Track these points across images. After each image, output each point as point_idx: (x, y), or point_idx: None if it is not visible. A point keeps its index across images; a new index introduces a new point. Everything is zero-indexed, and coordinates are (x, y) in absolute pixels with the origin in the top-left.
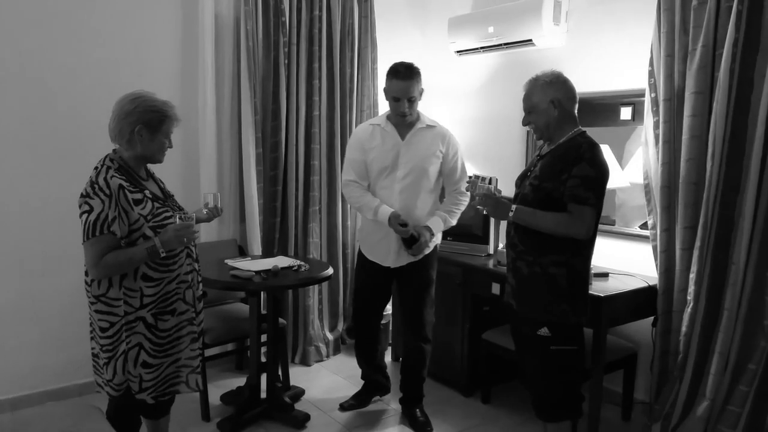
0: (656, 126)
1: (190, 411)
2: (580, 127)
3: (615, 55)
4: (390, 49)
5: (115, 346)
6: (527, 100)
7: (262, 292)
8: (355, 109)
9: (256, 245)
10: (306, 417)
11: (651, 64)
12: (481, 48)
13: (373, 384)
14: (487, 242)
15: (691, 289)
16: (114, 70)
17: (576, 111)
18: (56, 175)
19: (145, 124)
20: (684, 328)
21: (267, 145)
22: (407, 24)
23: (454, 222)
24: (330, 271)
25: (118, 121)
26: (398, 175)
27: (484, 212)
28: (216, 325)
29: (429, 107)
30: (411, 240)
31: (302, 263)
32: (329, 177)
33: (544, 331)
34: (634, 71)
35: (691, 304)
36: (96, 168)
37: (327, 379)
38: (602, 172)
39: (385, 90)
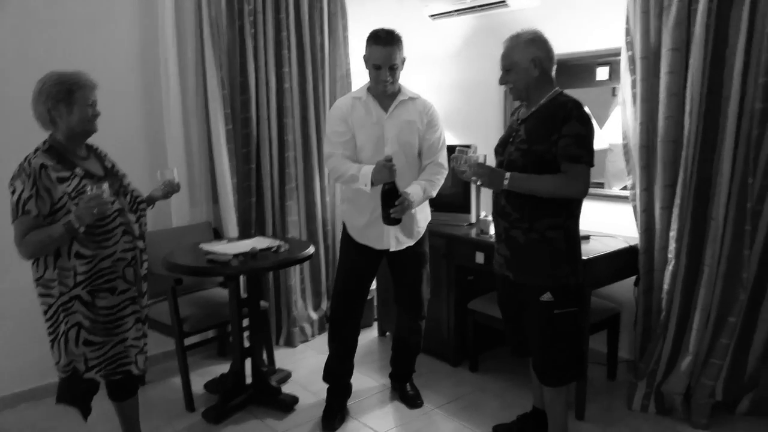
0: (633, 84)
1: (174, 401)
2: (557, 87)
3: (590, 14)
4: (360, 15)
5: (56, 327)
6: (507, 57)
7: (241, 276)
8: (328, 80)
9: (231, 227)
10: (294, 400)
11: (627, 21)
12: (456, 11)
13: (344, 389)
14: (468, 211)
15: (672, 247)
16: (65, 53)
17: (554, 72)
18: (11, 166)
19: (56, 98)
20: (666, 286)
21: (237, 122)
22: None
23: (434, 193)
24: (311, 250)
25: (34, 107)
26: (386, 151)
27: (478, 183)
28: (195, 312)
29: (404, 75)
30: (391, 195)
31: (281, 243)
32: (304, 152)
33: (547, 296)
34: (609, 30)
35: (673, 262)
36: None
37: (314, 359)
38: (591, 129)
39: (365, 58)
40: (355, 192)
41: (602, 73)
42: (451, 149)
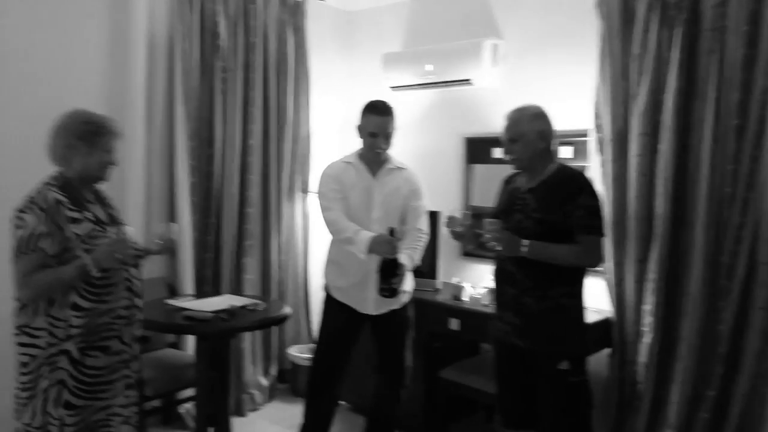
0: (603, 164)
1: None
2: (558, 160)
3: (551, 97)
4: (323, 81)
5: (35, 383)
6: (514, 128)
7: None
8: (290, 140)
9: (188, 283)
10: None
11: (596, 106)
12: (418, 85)
13: None
14: (434, 277)
15: (648, 320)
16: (30, 90)
17: (555, 146)
18: None
19: (80, 137)
20: (642, 359)
21: (202, 175)
22: (336, 57)
23: (418, 260)
24: (288, 309)
25: (53, 138)
26: (373, 216)
27: (496, 249)
28: (156, 375)
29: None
30: (391, 269)
31: (257, 302)
32: (264, 209)
33: (564, 364)
34: (571, 113)
35: (650, 336)
36: (38, 185)
37: (268, 430)
38: (600, 201)
39: (360, 127)
40: (340, 253)
41: (566, 152)
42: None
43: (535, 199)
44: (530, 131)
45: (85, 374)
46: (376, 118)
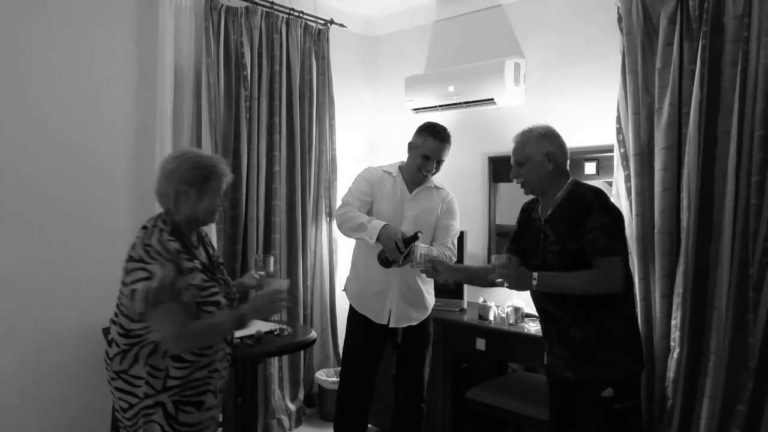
0: (627, 179)
1: None
2: (572, 178)
3: (575, 114)
4: (346, 105)
5: (135, 429)
6: (520, 151)
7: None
8: (314, 165)
9: None
10: None
11: (618, 121)
12: (440, 106)
13: None
14: (461, 297)
15: (676, 335)
16: (60, 123)
17: (568, 166)
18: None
19: (190, 183)
20: (671, 374)
21: (228, 202)
22: (359, 82)
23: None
24: (313, 334)
25: (161, 183)
26: (402, 230)
27: (505, 285)
28: None
29: (385, 163)
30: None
31: (284, 326)
32: (289, 234)
33: (608, 391)
34: (595, 129)
35: (677, 350)
36: (144, 228)
37: None
38: (618, 217)
39: (415, 145)
40: (360, 257)
41: (590, 167)
42: None
43: (552, 231)
44: (536, 153)
45: (176, 431)
46: (434, 143)
